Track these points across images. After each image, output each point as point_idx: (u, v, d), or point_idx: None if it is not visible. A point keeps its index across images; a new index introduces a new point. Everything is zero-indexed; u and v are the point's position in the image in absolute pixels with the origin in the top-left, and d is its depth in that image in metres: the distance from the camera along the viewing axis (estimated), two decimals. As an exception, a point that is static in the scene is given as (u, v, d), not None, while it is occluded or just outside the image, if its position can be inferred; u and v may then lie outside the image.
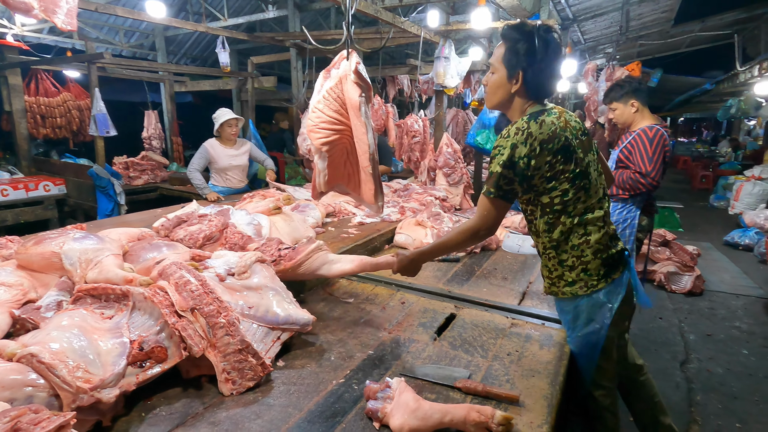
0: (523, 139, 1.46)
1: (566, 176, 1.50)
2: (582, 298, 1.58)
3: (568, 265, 1.59)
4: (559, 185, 1.50)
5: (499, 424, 1.12)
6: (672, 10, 8.09)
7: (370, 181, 1.94)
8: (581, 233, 1.56)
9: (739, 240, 6.05)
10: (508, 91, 1.57)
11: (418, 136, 4.38)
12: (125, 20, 7.16)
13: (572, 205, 1.53)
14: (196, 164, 3.80)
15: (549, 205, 1.54)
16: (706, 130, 26.61)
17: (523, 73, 1.52)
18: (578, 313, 1.61)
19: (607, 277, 1.58)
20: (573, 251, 1.57)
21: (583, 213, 1.55)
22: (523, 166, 1.46)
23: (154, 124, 6.77)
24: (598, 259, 1.57)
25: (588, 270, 1.57)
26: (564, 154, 1.48)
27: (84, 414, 1.09)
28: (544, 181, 1.50)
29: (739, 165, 11.00)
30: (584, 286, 1.57)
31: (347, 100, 1.86)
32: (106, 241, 1.71)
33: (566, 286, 1.60)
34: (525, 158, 1.45)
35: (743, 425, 2.52)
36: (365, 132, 1.83)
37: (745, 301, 4.29)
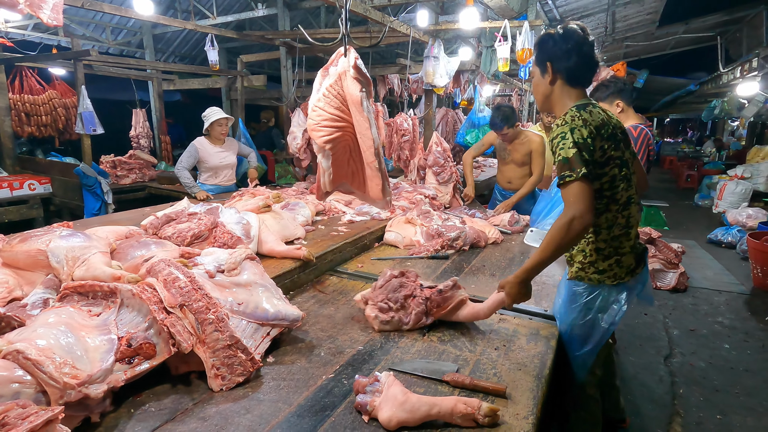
0: (581, 123, 1.52)
1: (616, 162, 1.58)
2: (605, 287, 1.67)
3: (604, 254, 1.66)
4: (609, 171, 1.58)
5: (485, 415, 1.15)
6: (656, 12, 8.23)
7: (376, 176, 1.94)
8: (623, 225, 1.64)
9: (722, 238, 6.19)
10: (546, 84, 1.66)
11: (408, 134, 4.40)
12: (112, 17, 7.06)
13: (619, 192, 1.61)
14: (184, 162, 3.77)
15: (599, 190, 1.59)
16: (692, 131, 27.09)
17: (551, 63, 1.61)
18: (597, 301, 1.68)
19: (633, 272, 1.70)
20: (613, 242, 1.65)
21: (627, 202, 1.64)
22: (591, 146, 1.50)
23: (142, 122, 6.69)
24: (632, 254, 1.68)
25: (621, 263, 1.66)
26: (613, 141, 1.58)
27: (72, 410, 1.09)
28: (597, 166, 1.55)
29: (722, 165, 11.23)
30: (612, 277, 1.66)
31: (348, 96, 1.86)
32: (94, 239, 1.70)
33: (595, 273, 1.68)
34: (588, 138, 1.50)
35: (723, 417, 2.59)
36: (368, 127, 1.84)
37: (727, 297, 4.39)
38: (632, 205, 1.65)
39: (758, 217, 6.47)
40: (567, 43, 1.58)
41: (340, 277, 2.27)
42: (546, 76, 1.65)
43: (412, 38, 3.93)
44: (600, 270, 1.66)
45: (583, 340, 1.72)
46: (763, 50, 8.53)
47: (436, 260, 2.52)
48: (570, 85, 1.64)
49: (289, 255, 2.14)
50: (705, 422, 2.55)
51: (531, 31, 3.94)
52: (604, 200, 1.61)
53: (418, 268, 2.40)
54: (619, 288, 1.67)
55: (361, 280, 2.22)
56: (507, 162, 3.81)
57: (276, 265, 2.08)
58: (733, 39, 10.62)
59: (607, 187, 1.59)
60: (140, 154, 5.52)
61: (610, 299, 1.67)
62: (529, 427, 1.16)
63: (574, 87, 1.64)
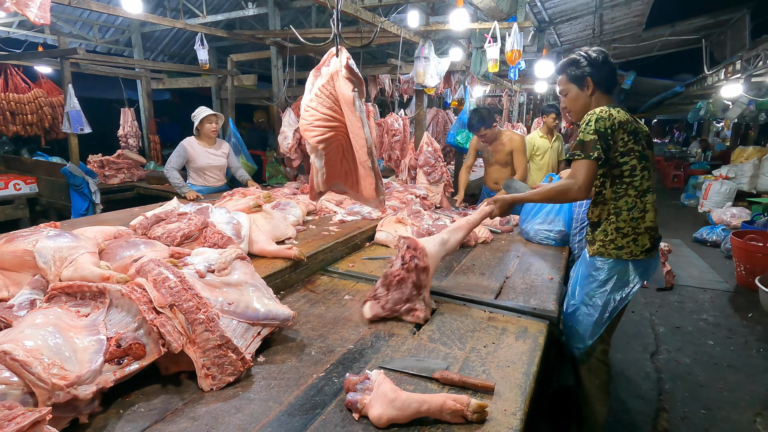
0: (606, 116, 1.82)
1: (635, 154, 1.87)
2: (623, 262, 1.95)
3: (623, 233, 1.94)
4: (629, 161, 1.87)
5: (474, 411, 1.16)
6: (643, 14, 8.37)
7: (370, 175, 1.95)
8: (641, 209, 1.93)
9: (707, 237, 6.31)
10: (586, 97, 1.99)
11: (399, 134, 4.42)
12: (100, 15, 6.97)
13: (638, 180, 1.90)
14: (173, 163, 3.74)
15: (619, 176, 1.91)
16: (678, 131, 27.55)
17: (590, 77, 1.96)
18: (614, 273, 1.97)
19: (648, 253, 1.96)
20: (632, 222, 1.93)
21: (645, 191, 1.93)
22: (608, 137, 1.81)
23: (131, 121, 6.62)
24: (647, 235, 1.95)
25: (637, 241, 1.94)
26: (634, 137, 1.86)
27: (60, 411, 1.08)
28: (618, 155, 1.86)
29: (708, 165, 11.45)
30: (629, 253, 1.94)
31: (340, 96, 1.86)
32: (82, 239, 1.68)
33: (614, 249, 1.96)
34: (609, 129, 1.81)
35: (708, 411, 2.65)
36: (361, 126, 1.85)
37: (712, 295, 4.48)
38: (649, 194, 1.94)
39: (742, 217, 6.62)
40: (599, 59, 1.95)
41: (331, 277, 2.28)
42: (585, 89, 1.98)
43: (403, 39, 3.95)
44: (619, 246, 1.94)
45: (597, 310, 1.98)
46: (745, 53, 8.72)
47: (426, 259, 2.54)
48: (605, 93, 1.98)
49: (280, 255, 2.14)
50: (690, 417, 2.60)
51: (520, 33, 3.98)
52: (624, 185, 1.91)
53: (409, 267, 2.41)
54: (635, 264, 1.95)
55: (352, 280, 2.23)
56: (492, 163, 3.88)
57: (267, 264, 2.08)
58: (717, 42, 10.83)
59: (627, 175, 1.89)
60: (129, 153, 5.46)
61: (625, 275, 1.95)
62: (517, 423, 1.18)
63: (607, 94, 1.98)
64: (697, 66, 11.45)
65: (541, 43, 7.30)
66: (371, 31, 4.12)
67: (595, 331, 2.01)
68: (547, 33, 7.97)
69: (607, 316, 1.99)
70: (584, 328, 2.03)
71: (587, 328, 2.02)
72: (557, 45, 9.45)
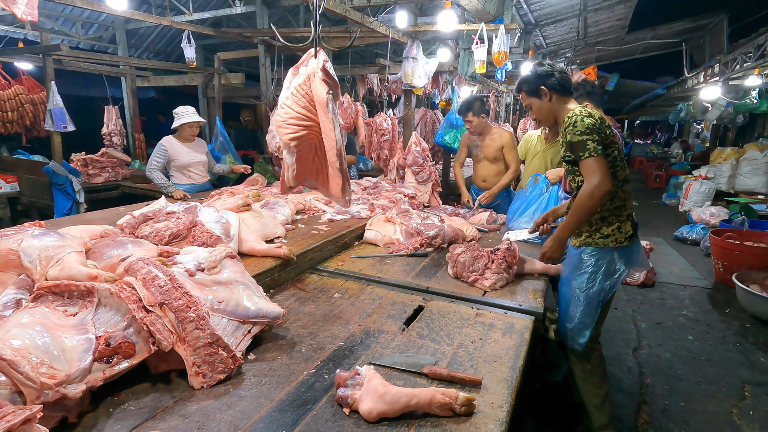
0: (587, 114, 1.93)
1: (615, 146, 2.01)
2: (609, 250, 2.06)
3: (608, 222, 2.07)
4: (612, 152, 1.99)
5: (462, 404, 1.19)
6: (626, 18, 8.54)
7: (337, 175, 1.98)
8: (622, 197, 2.05)
9: (687, 235, 6.48)
10: (547, 104, 2.11)
11: (387, 134, 4.44)
12: (83, 11, 6.84)
13: (619, 171, 2.03)
14: (155, 164, 3.71)
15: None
16: (660, 133, 28.16)
17: (543, 87, 2.09)
18: (602, 263, 2.06)
19: (631, 239, 2.07)
20: (615, 211, 2.06)
21: (625, 180, 2.06)
22: (599, 131, 1.91)
23: (115, 119, 6.50)
24: (629, 222, 2.08)
25: (621, 228, 2.06)
26: (610, 131, 1.99)
27: (49, 410, 1.08)
28: (603, 148, 1.93)
29: (688, 165, 11.74)
30: (615, 240, 2.05)
31: (315, 97, 1.89)
32: (68, 238, 1.67)
33: (600, 238, 2.07)
34: (597, 124, 1.92)
35: (687, 404, 2.74)
36: (332, 128, 1.88)
37: (692, 291, 4.61)
38: (627, 183, 2.09)
39: (720, 216, 6.81)
40: (545, 69, 2.10)
41: (320, 275, 2.29)
42: (544, 98, 2.11)
43: (392, 39, 3.97)
44: (605, 235, 2.06)
45: (591, 302, 2.07)
46: (723, 56, 8.97)
47: (415, 258, 2.57)
48: (563, 95, 2.10)
49: (270, 253, 2.15)
50: (670, 409, 2.68)
51: (506, 35, 4.04)
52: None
53: (398, 265, 2.44)
54: (620, 251, 2.06)
55: (341, 278, 2.25)
56: (480, 159, 3.86)
57: (256, 263, 2.08)
58: (697, 45, 11.12)
59: (610, 166, 1.97)
60: (113, 152, 5.37)
61: (612, 263, 2.06)
62: (503, 415, 1.22)
63: (566, 95, 2.10)
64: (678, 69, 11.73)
65: (527, 45, 7.41)
66: (360, 31, 4.14)
67: (589, 322, 2.11)
68: (533, 35, 8.09)
69: (599, 305, 2.09)
70: (581, 322, 2.11)
71: (584, 321, 2.11)
72: (543, 47, 9.59)
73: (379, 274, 2.28)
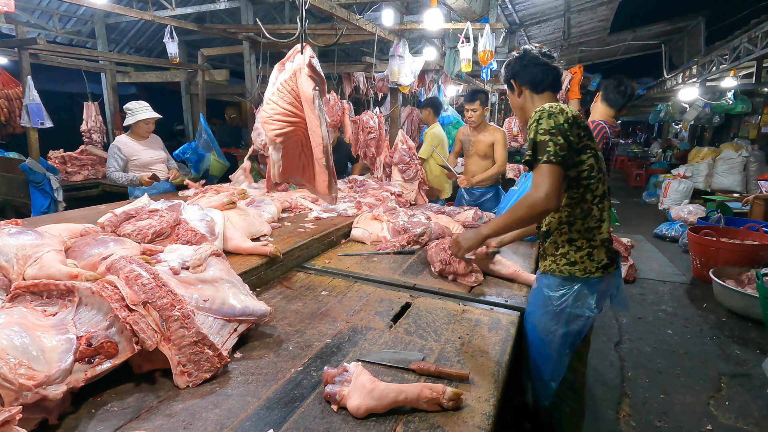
0: (558, 111, 1.57)
1: (590, 152, 1.64)
2: (576, 280, 1.69)
3: (577, 245, 1.69)
4: (586, 159, 1.63)
5: (449, 399, 1.20)
6: (607, 19, 8.70)
7: (324, 172, 1.97)
8: (597, 217, 1.67)
9: (667, 232, 6.65)
10: (516, 99, 1.85)
11: (374, 132, 4.44)
12: (60, 4, 6.65)
13: (595, 183, 1.65)
14: (113, 167, 3.51)
15: (576, 179, 1.64)
16: (641, 133, 28.80)
17: (512, 79, 1.83)
18: (569, 298, 1.70)
19: (605, 269, 1.70)
20: (586, 233, 1.68)
21: (602, 196, 1.68)
22: (568, 132, 1.54)
23: (95, 116, 6.34)
24: (603, 248, 1.69)
25: (592, 255, 1.68)
26: (587, 132, 1.64)
27: (29, 412, 1.05)
28: (573, 154, 1.60)
29: (667, 164, 12.04)
30: (583, 270, 1.68)
31: (301, 93, 1.88)
32: (46, 237, 1.62)
33: (566, 265, 1.70)
34: (566, 123, 1.55)
35: (666, 396, 2.81)
36: (319, 125, 1.87)
37: (671, 287, 4.73)
38: (606, 200, 1.70)
39: (698, 213, 7.00)
40: (522, 60, 1.81)
41: (307, 273, 2.28)
42: (514, 92, 1.85)
43: (378, 37, 3.97)
44: (571, 262, 1.69)
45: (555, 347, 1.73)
46: (701, 58, 9.22)
47: (402, 255, 2.58)
48: (535, 92, 1.80)
49: (256, 252, 2.13)
50: (650, 401, 2.76)
51: (492, 34, 4.07)
52: (581, 189, 1.65)
53: (385, 263, 2.44)
54: (590, 284, 1.68)
55: (328, 276, 2.24)
56: (471, 155, 3.95)
57: (242, 261, 2.06)
58: (675, 47, 11.40)
59: (585, 176, 1.63)
60: (93, 149, 5.25)
61: (580, 298, 1.68)
62: (490, 409, 1.23)
63: (540, 93, 1.80)
64: (658, 70, 12.03)
65: (512, 45, 7.48)
66: (347, 28, 4.12)
67: (557, 371, 1.75)
68: (518, 35, 8.17)
69: (566, 353, 1.73)
70: (546, 370, 1.77)
71: (549, 370, 1.76)
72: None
73: (366, 272, 2.28)
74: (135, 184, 3.53)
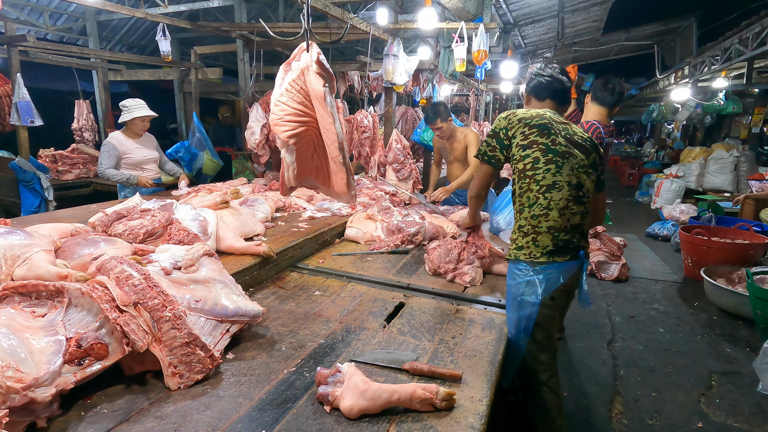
0: (505, 116, 1.88)
1: (539, 147, 1.78)
2: (523, 265, 1.81)
3: (524, 232, 1.83)
4: (531, 153, 1.79)
5: (442, 399, 1.20)
6: (601, 20, 8.74)
7: (341, 170, 1.95)
8: (544, 206, 1.78)
9: (659, 231, 6.70)
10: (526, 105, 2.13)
11: (368, 131, 4.43)
12: (51, 0, 6.57)
13: (541, 173, 1.77)
14: (106, 164, 3.44)
15: (523, 171, 1.82)
16: (634, 132, 29.01)
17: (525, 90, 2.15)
18: (520, 283, 1.82)
19: (551, 256, 1.77)
20: (532, 220, 1.80)
21: (551, 187, 1.76)
22: (502, 136, 1.86)
23: (86, 114, 6.27)
24: (549, 235, 1.77)
25: (537, 241, 1.79)
26: (540, 129, 1.80)
27: (16, 415, 1.04)
28: (519, 149, 1.82)
29: (660, 164, 12.14)
30: (528, 254, 1.80)
31: (311, 91, 1.86)
32: (36, 237, 1.60)
33: (515, 249, 1.86)
34: (503, 129, 1.86)
35: (658, 394, 2.84)
36: (332, 122, 1.85)
37: (663, 286, 4.77)
38: (556, 190, 1.76)
39: (689, 212, 7.07)
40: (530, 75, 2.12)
41: (300, 273, 2.27)
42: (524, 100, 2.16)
43: (372, 36, 3.96)
44: (519, 246, 1.84)
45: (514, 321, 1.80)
46: (693, 59, 9.30)
47: (396, 255, 2.58)
48: (538, 100, 2.05)
49: (249, 251, 2.11)
50: (642, 399, 2.78)
51: (486, 34, 4.07)
52: (527, 180, 1.81)
53: (379, 262, 2.44)
54: (537, 270, 1.77)
55: (322, 276, 2.23)
56: (451, 161, 4.00)
57: (235, 261, 2.05)
58: (668, 48, 11.49)
59: (529, 168, 1.79)
60: (84, 148, 5.20)
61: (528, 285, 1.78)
62: (483, 409, 1.23)
63: (540, 101, 2.05)
64: (650, 70, 12.12)
65: (506, 45, 7.50)
66: (340, 27, 4.10)
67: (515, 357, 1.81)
68: (512, 35, 8.20)
69: (522, 335, 1.79)
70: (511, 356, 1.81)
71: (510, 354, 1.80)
72: (521, 46, 9.73)
73: (360, 272, 2.28)
74: (132, 184, 3.48)
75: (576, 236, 1.83)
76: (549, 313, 1.79)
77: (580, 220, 1.83)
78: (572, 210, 1.79)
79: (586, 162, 1.84)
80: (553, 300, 1.79)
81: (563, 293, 1.82)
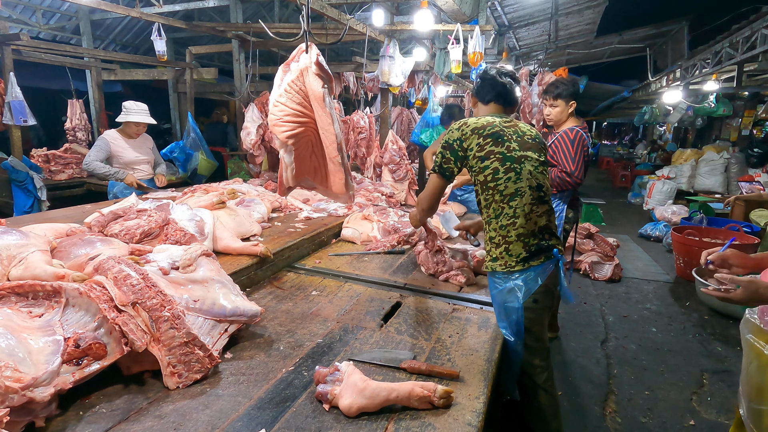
0: (458, 127, 1.81)
1: (496, 156, 1.76)
2: (501, 276, 1.80)
3: (495, 243, 1.82)
4: (490, 164, 1.76)
5: (440, 397, 1.22)
6: (594, 23, 8.82)
7: (339, 171, 1.96)
8: (510, 215, 1.78)
9: (651, 232, 6.77)
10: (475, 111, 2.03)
11: (364, 132, 4.44)
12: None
13: (502, 183, 1.76)
14: (94, 156, 3.41)
15: (484, 183, 1.80)
16: (626, 134, 29.24)
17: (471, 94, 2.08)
18: (501, 295, 1.79)
19: (525, 262, 1.77)
20: (501, 230, 1.80)
21: (513, 195, 1.77)
22: (456, 148, 1.79)
23: (79, 114, 6.22)
24: (520, 243, 1.77)
25: (510, 250, 1.78)
26: (494, 139, 1.77)
27: (15, 415, 1.04)
28: (477, 161, 1.78)
29: (652, 166, 12.25)
30: (503, 265, 1.79)
31: (310, 92, 1.87)
32: (31, 237, 1.60)
33: (490, 261, 1.84)
34: (457, 141, 1.79)
35: (651, 392, 2.87)
36: (331, 122, 1.86)
37: (655, 286, 4.83)
38: (519, 197, 1.76)
39: (681, 213, 7.15)
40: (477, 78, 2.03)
41: (297, 273, 2.28)
42: (472, 105, 2.06)
43: (368, 37, 3.97)
44: (493, 258, 1.83)
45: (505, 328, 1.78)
46: (684, 62, 9.41)
47: (392, 255, 2.59)
48: (482, 103, 1.98)
49: (246, 252, 2.12)
50: (635, 398, 2.81)
51: (481, 36, 4.11)
52: (490, 191, 1.79)
53: (375, 262, 2.45)
54: (515, 278, 1.76)
55: (319, 276, 2.24)
56: None
57: (232, 261, 2.05)
58: (660, 51, 11.62)
59: (490, 179, 1.78)
60: (77, 147, 5.16)
61: (509, 293, 1.76)
62: (480, 406, 1.25)
63: (485, 104, 1.97)
64: (643, 73, 12.25)
65: (501, 47, 7.55)
66: (336, 28, 4.11)
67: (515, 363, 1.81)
68: (507, 37, 8.25)
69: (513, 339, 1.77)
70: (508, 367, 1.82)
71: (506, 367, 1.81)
72: (516, 48, 9.79)
73: (356, 272, 2.29)
74: (117, 178, 3.45)
75: (545, 237, 1.83)
76: (535, 317, 1.78)
77: (546, 220, 1.84)
78: (537, 212, 1.80)
79: (540, 160, 1.86)
80: (537, 303, 1.77)
81: (545, 294, 1.81)
